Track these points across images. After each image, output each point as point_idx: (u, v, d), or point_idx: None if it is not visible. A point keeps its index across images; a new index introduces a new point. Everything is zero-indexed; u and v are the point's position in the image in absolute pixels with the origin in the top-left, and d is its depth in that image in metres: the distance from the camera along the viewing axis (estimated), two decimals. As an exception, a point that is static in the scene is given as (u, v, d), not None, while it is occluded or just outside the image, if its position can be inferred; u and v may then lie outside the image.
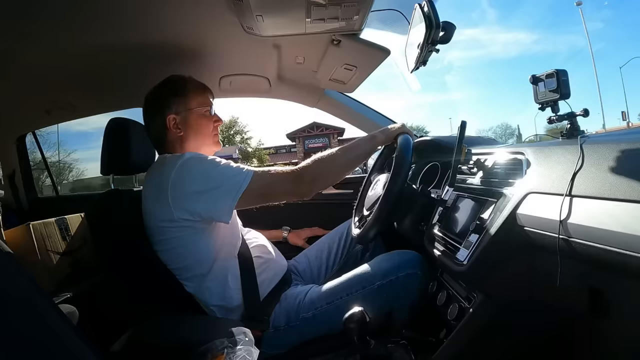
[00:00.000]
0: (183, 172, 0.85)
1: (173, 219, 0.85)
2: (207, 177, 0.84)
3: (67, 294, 1.17)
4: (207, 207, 0.84)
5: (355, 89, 1.38)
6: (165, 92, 1.00)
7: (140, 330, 0.73)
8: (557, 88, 0.71)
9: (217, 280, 0.91)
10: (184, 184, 0.84)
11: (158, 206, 0.87)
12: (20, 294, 0.46)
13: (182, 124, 0.98)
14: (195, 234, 0.88)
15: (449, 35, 0.85)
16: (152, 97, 1.01)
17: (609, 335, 0.55)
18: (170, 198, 0.84)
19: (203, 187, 0.83)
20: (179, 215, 0.84)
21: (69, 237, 1.38)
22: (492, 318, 0.69)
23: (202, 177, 0.84)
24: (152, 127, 1.01)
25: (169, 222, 0.86)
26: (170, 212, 0.84)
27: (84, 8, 0.88)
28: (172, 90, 1.00)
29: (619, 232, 0.43)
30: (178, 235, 0.87)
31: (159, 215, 0.87)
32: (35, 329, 0.44)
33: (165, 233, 0.88)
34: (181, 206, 0.84)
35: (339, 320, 0.71)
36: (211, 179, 0.84)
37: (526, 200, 0.61)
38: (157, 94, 1.00)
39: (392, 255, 0.97)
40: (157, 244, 0.90)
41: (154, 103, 1.00)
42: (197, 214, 0.85)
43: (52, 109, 1.52)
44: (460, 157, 0.84)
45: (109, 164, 1.02)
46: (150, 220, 0.90)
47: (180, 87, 1.00)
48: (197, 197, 0.83)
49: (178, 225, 0.86)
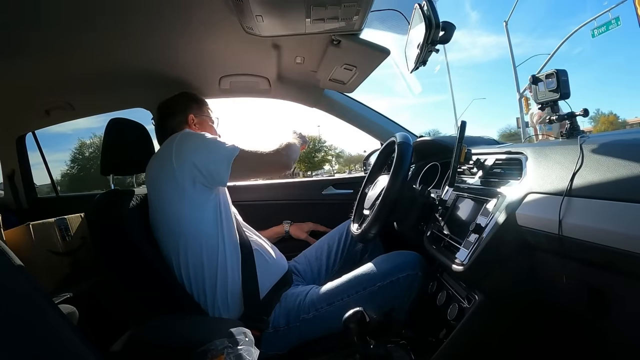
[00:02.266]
0: (183, 140, 0.95)
1: (176, 182, 0.90)
2: (205, 143, 0.95)
3: (67, 294, 1.17)
4: (208, 164, 0.91)
5: (355, 89, 1.38)
6: (187, 98, 1.19)
7: (140, 330, 0.73)
8: (557, 88, 0.71)
9: (219, 273, 0.91)
10: (187, 147, 0.93)
11: (163, 175, 0.93)
12: (20, 294, 0.46)
13: (199, 125, 1.15)
14: (198, 201, 0.92)
15: (448, 35, 0.85)
16: (175, 100, 1.17)
17: (609, 335, 0.55)
18: (175, 161, 0.91)
19: (204, 147, 0.94)
20: (182, 175, 0.90)
21: (69, 237, 1.38)
22: (492, 318, 0.69)
23: (200, 143, 0.95)
24: (171, 124, 1.12)
25: (172, 189, 0.91)
26: (174, 176, 0.90)
27: (84, 9, 0.88)
28: (192, 98, 1.19)
29: (619, 232, 0.43)
30: (180, 203, 0.91)
31: (164, 183, 0.92)
32: (35, 329, 0.44)
33: (167, 204, 0.92)
34: (184, 164, 0.91)
35: (339, 321, 0.71)
36: (210, 143, 0.96)
37: (526, 200, 0.61)
38: (179, 99, 1.18)
39: (392, 256, 0.97)
40: (159, 222, 0.93)
41: (176, 104, 1.15)
42: (199, 171, 0.90)
43: (51, 109, 1.52)
44: (460, 157, 0.84)
45: (109, 164, 1.02)
46: (155, 195, 0.95)
47: (198, 98, 1.21)
48: (198, 155, 0.92)
49: (182, 190, 0.91)
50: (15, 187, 1.84)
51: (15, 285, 0.46)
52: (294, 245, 1.45)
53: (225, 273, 0.91)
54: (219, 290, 0.91)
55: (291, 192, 1.71)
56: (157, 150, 1.07)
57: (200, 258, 0.91)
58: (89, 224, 0.96)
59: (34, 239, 1.26)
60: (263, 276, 0.96)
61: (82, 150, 17.90)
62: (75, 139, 22.73)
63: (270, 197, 1.70)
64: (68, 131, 24.51)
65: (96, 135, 17.75)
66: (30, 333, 0.43)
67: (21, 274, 0.48)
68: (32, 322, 0.44)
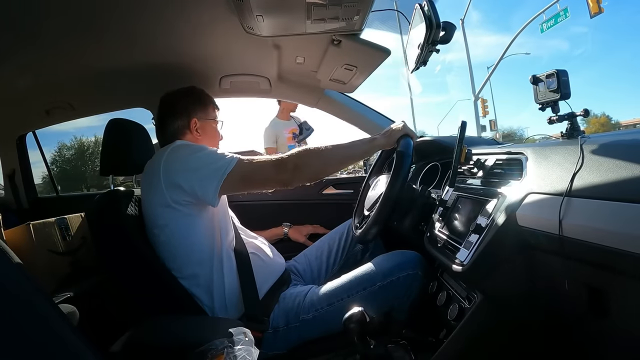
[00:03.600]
0: (173, 155, 0.91)
1: (166, 201, 0.88)
2: (195, 159, 0.90)
3: (67, 294, 1.17)
4: (193, 185, 0.87)
5: (355, 89, 1.38)
6: (193, 99, 1.08)
7: (140, 331, 0.73)
8: (557, 88, 0.71)
9: (215, 278, 0.91)
10: (174, 165, 0.89)
11: (152, 191, 0.91)
12: (20, 293, 0.46)
13: (201, 129, 1.07)
14: (188, 219, 0.90)
15: (449, 35, 0.85)
16: (179, 99, 1.08)
17: (609, 335, 0.55)
18: (162, 179, 0.88)
19: (191, 166, 0.89)
20: (170, 196, 0.88)
21: (69, 237, 1.38)
22: (492, 318, 0.69)
23: (190, 159, 0.90)
24: (172, 126, 1.06)
25: (162, 207, 0.89)
26: (162, 194, 0.88)
27: (84, 9, 0.88)
28: (198, 99, 1.09)
29: (619, 232, 0.43)
30: (171, 220, 0.90)
31: (154, 200, 0.91)
32: (35, 328, 0.44)
33: (159, 219, 0.90)
34: (171, 185, 0.88)
35: (339, 321, 0.71)
36: (198, 160, 0.90)
37: (526, 201, 0.61)
38: (184, 98, 1.08)
39: (392, 256, 0.97)
40: (154, 235, 0.92)
41: (181, 105, 1.07)
42: (185, 192, 0.88)
43: (52, 109, 1.52)
44: (461, 158, 0.84)
45: (108, 164, 1.02)
46: (147, 209, 0.94)
47: (204, 98, 1.11)
48: (185, 175, 0.88)
49: (171, 208, 0.89)
50: (16, 186, 1.84)
51: (16, 285, 0.46)
52: (294, 245, 1.45)
53: (221, 278, 0.92)
54: (217, 294, 0.91)
55: (291, 192, 1.70)
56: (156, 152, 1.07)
57: (195, 266, 0.91)
58: (89, 224, 0.96)
59: (34, 238, 1.26)
60: (260, 277, 0.96)
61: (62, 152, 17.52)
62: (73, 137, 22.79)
63: (270, 197, 1.69)
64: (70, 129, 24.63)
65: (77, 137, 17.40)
66: (31, 333, 0.43)
67: (21, 273, 0.48)
68: (32, 321, 0.44)
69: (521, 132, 25.97)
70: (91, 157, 17.72)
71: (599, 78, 53.58)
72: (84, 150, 17.40)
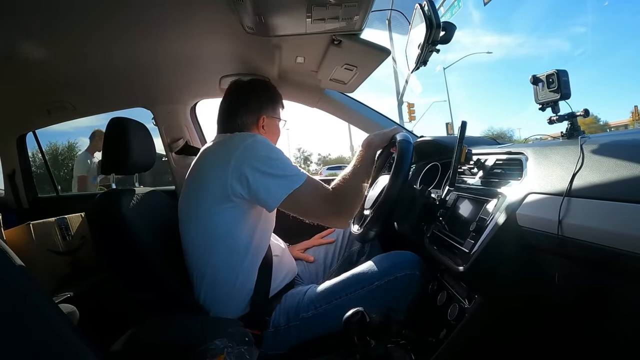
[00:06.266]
0: (251, 147, 0.88)
1: (225, 189, 0.86)
2: (271, 162, 0.88)
3: (67, 294, 1.17)
4: (259, 187, 0.85)
5: (355, 89, 1.38)
6: (267, 95, 1.08)
7: (141, 330, 0.73)
8: (557, 88, 0.71)
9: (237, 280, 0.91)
10: (248, 158, 0.87)
11: (213, 174, 0.89)
12: (21, 293, 0.46)
13: (267, 127, 1.06)
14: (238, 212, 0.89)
15: (449, 35, 0.85)
16: (255, 92, 1.06)
17: (609, 335, 0.55)
18: (231, 166, 0.86)
19: (264, 168, 0.86)
20: (232, 186, 0.85)
21: (69, 236, 1.38)
22: (492, 318, 0.69)
23: (267, 159, 0.88)
24: (242, 118, 1.03)
25: (218, 191, 0.87)
26: (224, 181, 0.86)
27: (84, 9, 0.88)
28: (272, 96, 1.09)
29: (618, 232, 0.43)
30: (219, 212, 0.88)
31: (212, 184, 0.88)
32: (35, 328, 0.44)
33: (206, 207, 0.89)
34: (238, 176, 0.85)
35: (339, 320, 0.71)
36: (274, 166, 0.87)
37: (526, 201, 0.61)
38: (260, 93, 1.07)
39: (390, 256, 0.97)
40: (188, 225, 0.92)
41: (255, 98, 1.05)
42: (248, 189, 0.86)
43: (52, 109, 1.52)
44: (461, 158, 0.84)
45: (110, 163, 1.02)
46: (199, 187, 0.91)
47: (277, 96, 1.10)
48: (255, 174, 0.85)
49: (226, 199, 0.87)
50: (16, 186, 1.84)
51: (16, 284, 0.46)
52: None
53: (245, 276, 0.92)
54: (229, 290, 0.90)
55: None
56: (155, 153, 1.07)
57: (223, 261, 0.90)
58: (90, 224, 0.96)
59: (35, 238, 1.27)
60: (277, 279, 0.97)
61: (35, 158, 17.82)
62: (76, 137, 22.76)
63: None
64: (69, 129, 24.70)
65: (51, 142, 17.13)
66: (31, 332, 0.43)
67: (21, 273, 0.48)
68: (32, 321, 0.44)
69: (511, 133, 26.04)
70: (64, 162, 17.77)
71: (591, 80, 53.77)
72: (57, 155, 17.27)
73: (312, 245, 1.27)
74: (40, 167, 1.77)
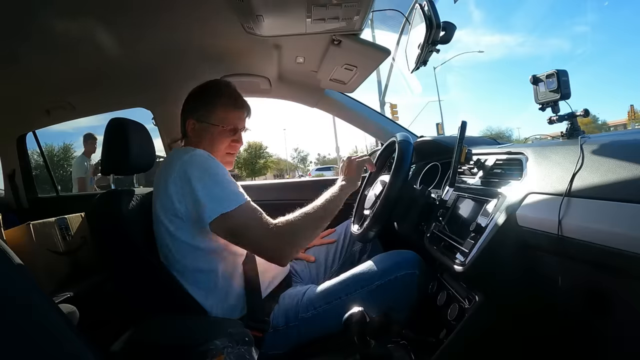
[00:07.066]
0: (187, 165, 0.85)
1: (171, 207, 0.85)
2: (205, 180, 0.83)
3: (67, 294, 1.17)
4: (192, 206, 0.83)
5: (355, 89, 1.38)
6: (197, 96, 1.00)
7: (140, 330, 0.73)
8: (557, 88, 0.71)
9: (219, 282, 0.90)
10: (184, 176, 0.84)
11: (162, 195, 0.87)
12: (20, 294, 0.46)
13: (199, 131, 0.98)
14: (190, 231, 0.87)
15: (449, 35, 0.85)
16: (196, 93, 1.01)
17: (609, 335, 0.55)
18: (170, 184, 0.84)
19: (199, 186, 0.82)
20: (174, 205, 0.85)
21: (69, 236, 1.38)
22: (492, 318, 0.69)
23: (201, 178, 0.83)
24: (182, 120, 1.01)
25: (167, 213, 0.87)
26: (169, 199, 0.85)
27: (84, 8, 0.88)
28: (203, 98, 0.99)
29: (618, 232, 0.43)
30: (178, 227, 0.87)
31: (164, 204, 0.87)
32: (35, 328, 0.44)
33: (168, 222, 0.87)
34: (177, 195, 0.84)
35: (338, 320, 0.71)
36: (208, 185, 0.83)
37: (526, 201, 0.61)
38: (199, 94, 1.00)
39: (390, 256, 0.97)
40: (161, 237, 0.90)
41: (191, 99, 1.00)
42: (185, 208, 0.84)
43: (52, 109, 1.52)
44: (461, 158, 0.84)
45: (109, 164, 1.02)
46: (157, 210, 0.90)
47: (212, 97, 0.98)
48: (188, 193, 0.83)
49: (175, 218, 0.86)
50: (16, 186, 1.85)
51: (16, 285, 0.46)
52: None
53: (227, 279, 0.91)
54: (219, 296, 0.90)
55: (292, 192, 1.71)
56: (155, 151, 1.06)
57: (198, 269, 0.89)
58: (90, 224, 0.96)
59: (35, 238, 1.27)
60: (266, 280, 0.96)
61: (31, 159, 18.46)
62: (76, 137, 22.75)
63: (270, 197, 1.70)
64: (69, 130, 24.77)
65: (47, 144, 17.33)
66: (31, 332, 0.43)
67: (21, 273, 0.48)
68: (32, 321, 0.44)
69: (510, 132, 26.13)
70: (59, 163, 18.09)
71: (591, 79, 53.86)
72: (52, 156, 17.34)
73: (312, 244, 1.26)
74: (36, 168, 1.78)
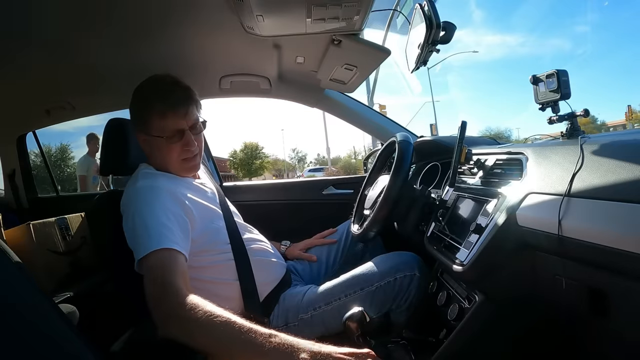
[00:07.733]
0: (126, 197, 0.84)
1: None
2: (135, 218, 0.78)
3: (67, 294, 1.17)
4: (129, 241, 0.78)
5: (355, 89, 1.38)
6: (132, 109, 0.91)
7: (140, 330, 0.73)
8: (557, 88, 0.71)
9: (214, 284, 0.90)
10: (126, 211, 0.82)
11: None
12: (20, 294, 0.46)
13: (149, 145, 0.90)
14: None
15: (449, 35, 0.85)
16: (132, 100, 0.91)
17: (609, 335, 0.55)
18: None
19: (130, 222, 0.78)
20: None
21: (69, 236, 1.38)
22: (492, 318, 0.69)
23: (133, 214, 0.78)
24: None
25: None
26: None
27: (84, 10, 0.88)
28: (135, 111, 0.90)
29: (618, 232, 0.43)
30: None
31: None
32: (35, 329, 0.44)
33: None
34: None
35: (338, 321, 0.71)
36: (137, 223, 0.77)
37: (526, 201, 0.61)
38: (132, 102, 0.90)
39: (390, 257, 0.97)
40: None
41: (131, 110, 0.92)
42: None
43: (52, 109, 1.52)
44: (461, 158, 0.84)
45: (108, 164, 1.02)
46: None
47: (143, 109, 0.87)
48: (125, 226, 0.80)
49: None
50: (16, 186, 1.85)
51: (15, 284, 0.46)
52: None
53: (221, 281, 0.90)
54: (216, 295, 0.90)
55: (292, 192, 1.71)
56: None
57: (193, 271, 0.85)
58: (90, 224, 0.96)
59: (35, 238, 1.27)
60: (262, 280, 0.95)
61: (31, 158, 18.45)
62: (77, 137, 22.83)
63: (270, 197, 1.70)
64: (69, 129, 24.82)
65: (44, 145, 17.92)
66: (30, 333, 0.43)
67: (21, 273, 0.48)
68: (32, 321, 0.44)
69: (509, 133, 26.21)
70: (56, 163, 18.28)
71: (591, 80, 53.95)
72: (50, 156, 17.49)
73: (313, 244, 1.24)
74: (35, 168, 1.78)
